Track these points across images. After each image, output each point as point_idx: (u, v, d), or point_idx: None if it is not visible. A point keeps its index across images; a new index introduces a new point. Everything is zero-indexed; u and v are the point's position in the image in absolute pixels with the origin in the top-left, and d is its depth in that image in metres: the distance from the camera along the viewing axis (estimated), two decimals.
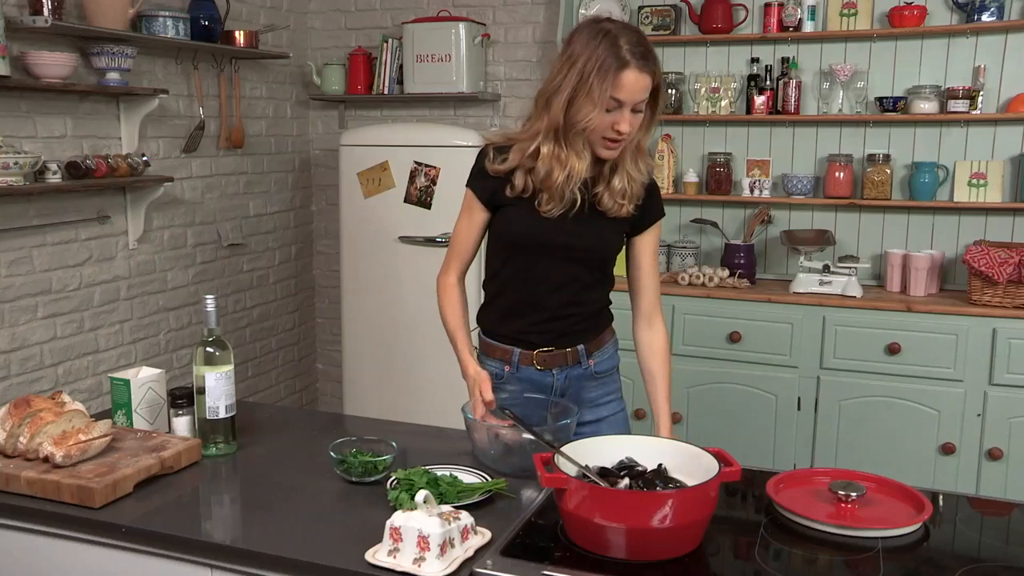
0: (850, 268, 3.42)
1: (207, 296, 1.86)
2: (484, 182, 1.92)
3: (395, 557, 1.35)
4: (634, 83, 1.75)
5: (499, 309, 1.99)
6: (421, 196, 3.79)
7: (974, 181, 3.44)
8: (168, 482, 1.70)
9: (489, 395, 1.79)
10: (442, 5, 4.14)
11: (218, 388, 1.82)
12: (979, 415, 3.16)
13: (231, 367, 1.84)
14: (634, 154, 1.88)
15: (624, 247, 2.00)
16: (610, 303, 2.06)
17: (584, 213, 1.87)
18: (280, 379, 4.43)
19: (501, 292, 1.98)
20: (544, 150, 1.82)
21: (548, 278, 1.92)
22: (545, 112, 1.81)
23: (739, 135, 3.81)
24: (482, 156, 1.93)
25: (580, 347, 1.98)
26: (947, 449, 3.20)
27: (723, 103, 3.70)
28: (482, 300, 2.04)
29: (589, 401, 2.02)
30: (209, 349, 1.82)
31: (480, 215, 1.95)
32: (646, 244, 1.99)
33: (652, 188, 1.96)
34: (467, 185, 1.97)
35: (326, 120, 4.49)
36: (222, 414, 1.83)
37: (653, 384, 2.01)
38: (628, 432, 2.08)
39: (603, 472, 1.51)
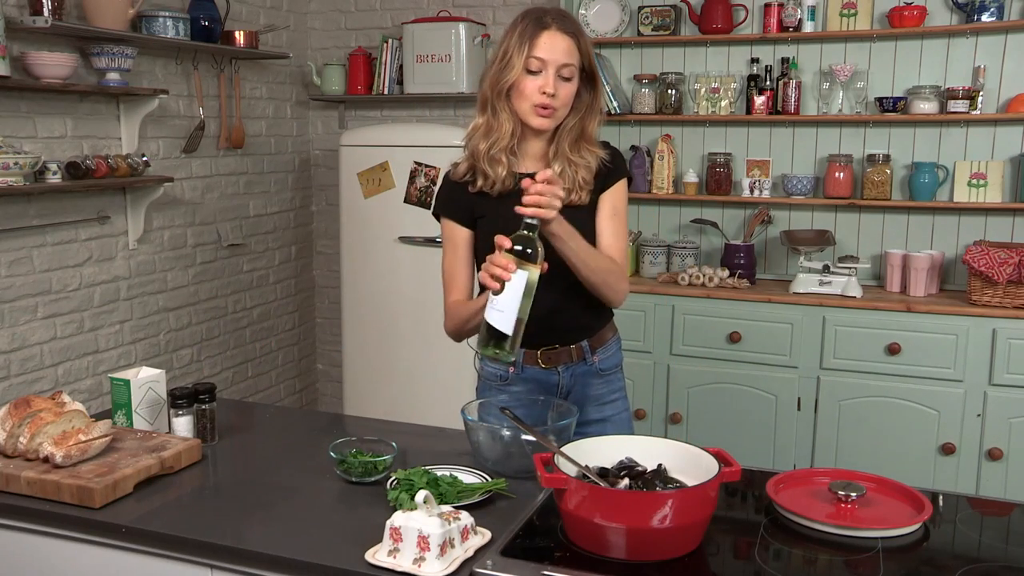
0: (850, 268, 3.42)
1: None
2: (450, 202, 1.96)
3: (395, 557, 1.35)
4: (553, 41, 1.80)
5: None
6: (421, 196, 3.79)
7: (974, 181, 3.44)
8: (168, 482, 1.70)
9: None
10: (442, 5, 4.14)
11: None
12: (979, 415, 3.16)
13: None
14: (576, 141, 1.89)
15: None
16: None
17: None
18: (280, 379, 4.43)
19: None
20: (477, 121, 1.89)
21: None
22: (479, 93, 1.89)
23: (739, 135, 3.81)
24: (445, 176, 1.98)
25: (584, 343, 1.99)
26: (947, 449, 3.20)
27: (723, 103, 3.70)
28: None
29: (594, 399, 2.02)
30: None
31: (461, 233, 1.96)
32: (603, 204, 1.96)
33: (610, 166, 1.94)
34: (435, 214, 1.99)
35: (326, 120, 4.49)
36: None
37: None
38: (631, 432, 2.08)
39: (603, 472, 1.51)
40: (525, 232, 1.66)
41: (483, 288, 1.75)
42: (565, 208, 1.85)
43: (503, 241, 1.64)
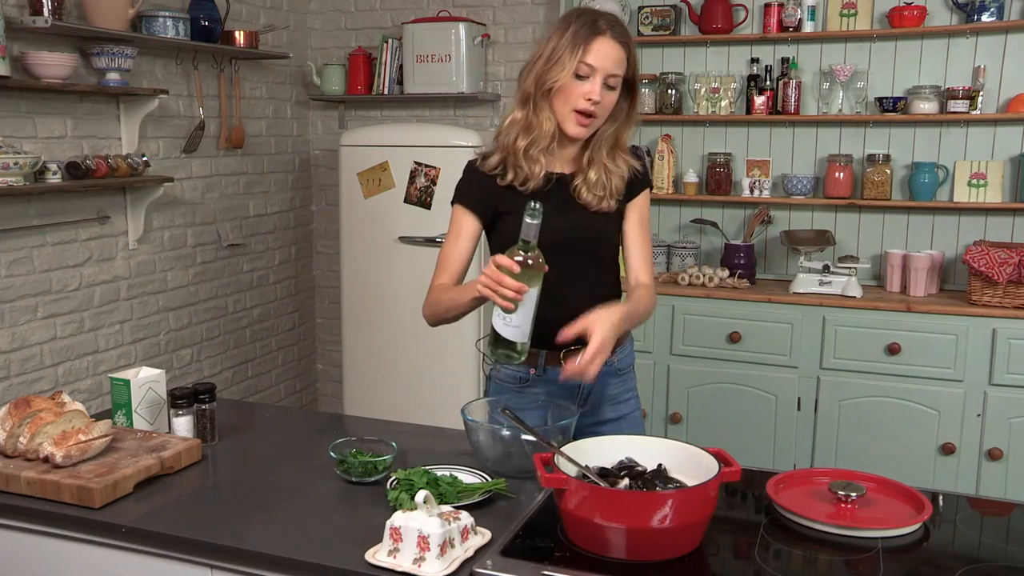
0: (850, 268, 3.42)
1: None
2: (473, 193, 1.92)
3: (395, 557, 1.35)
4: (606, 49, 1.79)
5: None
6: (421, 196, 3.79)
7: (974, 181, 3.44)
8: (168, 482, 1.70)
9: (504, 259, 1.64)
10: (442, 5, 4.14)
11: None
12: (979, 415, 3.16)
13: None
14: (612, 149, 1.90)
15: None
16: (621, 295, 2.06)
17: (571, 206, 1.88)
18: (280, 379, 4.43)
19: None
20: (516, 115, 1.87)
21: (561, 275, 1.90)
22: (519, 87, 1.87)
23: (739, 135, 3.81)
24: (470, 165, 1.95)
25: None
26: (947, 449, 3.20)
27: (723, 103, 3.70)
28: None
29: (611, 398, 2.03)
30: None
31: (471, 225, 1.92)
32: (631, 214, 1.97)
33: (641, 175, 1.97)
34: (453, 202, 1.96)
35: (326, 120, 4.49)
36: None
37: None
38: (643, 429, 2.12)
39: (603, 472, 1.51)
40: (524, 252, 1.64)
41: (486, 300, 1.74)
42: (593, 215, 1.88)
43: (512, 266, 1.62)
